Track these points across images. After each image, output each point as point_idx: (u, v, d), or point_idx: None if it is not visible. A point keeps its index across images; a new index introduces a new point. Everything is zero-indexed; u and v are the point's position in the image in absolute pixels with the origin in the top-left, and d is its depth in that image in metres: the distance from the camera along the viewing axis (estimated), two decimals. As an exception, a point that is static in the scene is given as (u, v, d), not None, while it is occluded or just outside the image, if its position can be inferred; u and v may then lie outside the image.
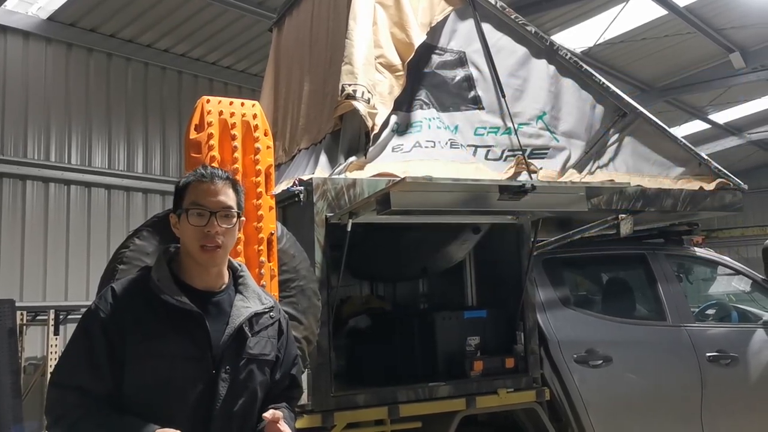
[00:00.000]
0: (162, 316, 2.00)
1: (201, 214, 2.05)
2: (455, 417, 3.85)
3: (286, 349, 2.26)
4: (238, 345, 2.07)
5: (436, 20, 4.45)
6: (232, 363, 2.05)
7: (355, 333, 4.68)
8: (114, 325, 1.98)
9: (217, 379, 2.01)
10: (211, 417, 2.00)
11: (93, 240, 8.78)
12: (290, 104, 4.98)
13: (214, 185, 2.08)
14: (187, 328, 2.01)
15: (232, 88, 10.19)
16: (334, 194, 3.63)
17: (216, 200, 2.07)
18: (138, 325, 1.98)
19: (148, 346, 1.97)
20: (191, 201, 2.07)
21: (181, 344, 1.99)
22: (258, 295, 2.21)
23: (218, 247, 2.06)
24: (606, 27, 10.58)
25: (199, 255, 2.06)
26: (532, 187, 3.40)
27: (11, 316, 5.85)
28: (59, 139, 8.79)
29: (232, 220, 2.10)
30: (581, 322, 4.59)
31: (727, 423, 4.71)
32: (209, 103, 2.91)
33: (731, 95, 14.16)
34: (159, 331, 1.98)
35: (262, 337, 2.15)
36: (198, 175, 2.11)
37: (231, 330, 2.06)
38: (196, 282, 2.10)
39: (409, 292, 5.44)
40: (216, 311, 2.09)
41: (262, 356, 2.14)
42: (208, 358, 2.02)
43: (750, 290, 5.53)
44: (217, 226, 2.05)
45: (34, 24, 8.62)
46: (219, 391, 2.01)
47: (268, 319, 2.19)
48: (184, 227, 2.08)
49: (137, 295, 2.04)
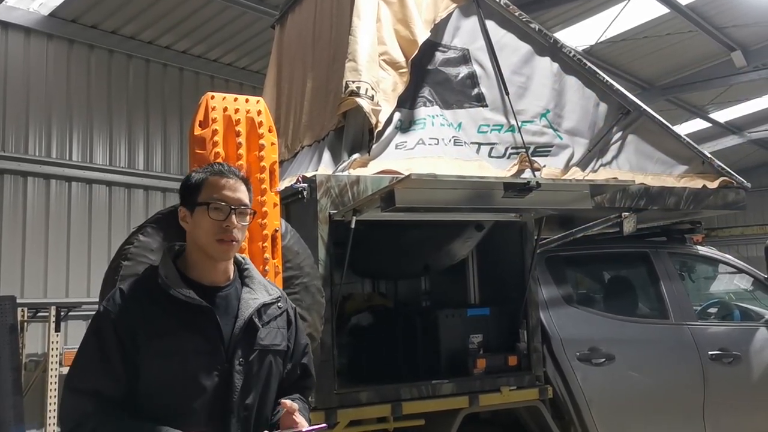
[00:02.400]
0: (171, 313, 2.01)
1: (220, 209, 2.07)
2: (458, 415, 3.85)
3: (296, 338, 2.28)
4: (250, 337, 2.09)
5: (439, 17, 4.44)
6: (245, 355, 2.06)
7: (357, 330, 4.68)
8: (125, 326, 1.98)
9: (231, 371, 2.02)
10: (228, 410, 2.00)
11: (94, 237, 8.77)
12: (293, 101, 4.98)
13: (234, 181, 2.12)
14: (197, 323, 2.02)
15: (233, 85, 10.18)
16: (337, 191, 3.62)
17: (236, 197, 2.10)
18: (148, 323, 1.99)
19: (160, 344, 1.97)
20: (211, 195, 2.08)
21: (193, 340, 2.00)
22: (264, 286, 2.23)
23: (234, 241, 2.08)
24: (608, 25, 10.57)
25: (215, 248, 2.07)
26: (537, 184, 3.40)
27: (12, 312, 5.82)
28: (60, 136, 8.78)
29: (248, 218, 2.14)
30: (584, 320, 4.59)
31: (730, 421, 4.72)
32: (214, 99, 2.90)
33: (732, 94, 14.15)
34: (170, 328, 1.99)
35: (272, 327, 2.16)
36: (216, 170, 2.14)
37: (241, 322, 2.07)
38: (204, 278, 2.10)
39: (412, 289, 5.43)
40: (224, 305, 2.10)
41: (274, 346, 2.15)
42: (220, 351, 2.02)
43: (752, 288, 5.53)
44: (236, 222, 2.07)
45: (35, 20, 8.61)
46: (234, 383, 2.02)
47: (277, 310, 2.21)
48: (200, 220, 2.08)
49: (145, 294, 2.05)
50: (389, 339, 4.45)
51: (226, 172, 2.13)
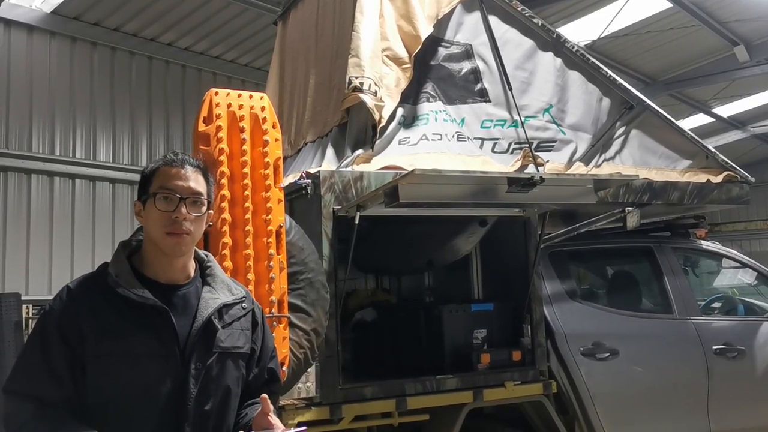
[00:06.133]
0: (123, 313, 1.86)
1: (169, 198, 1.91)
2: (462, 409, 3.85)
3: (263, 341, 2.12)
4: (208, 339, 1.93)
5: (442, 13, 4.43)
6: (202, 358, 1.91)
7: (361, 326, 4.69)
8: (71, 326, 1.84)
9: (187, 376, 1.87)
10: (183, 417, 1.86)
11: (98, 234, 8.81)
12: (296, 97, 4.98)
13: (185, 170, 1.95)
14: (150, 324, 1.87)
15: (236, 82, 10.20)
16: (341, 187, 3.63)
17: (186, 185, 1.93)
18: (97, 324, 1.84)
19: (108, 346, 1.82)
20: (159, 185, 1.92)
21: (146, 342, 1.85)
22: (227, 285, 2.07)
23: (186, 234, 1.91)
24: (610, 20, 10.55)
25: (164, 241, 1.91)
26: (541, 179, 3.40)
27: (17, 309, 5.86)
28: (64, 134, 8.81)
29: (202, 208, 1.95)
30: (588, 315, 4.59)
31: (734, 416, 4.71)
32: (218, 95, 2.90)
33: (735, 89, 14.13)
34: (120, 328, 1.84)
35: (234, 329, 2.01)
36: (168, 160, 1.97)
37: (199, 323, 1.92)
38: (160, 275, 1.95)
39: (415, 285, 5.44)
40: (182, 305, 1.95)
41: (235, 349, 2.00)
42: (175, 354, 1.87)
43: (756, 283, 5.52)
44: (186, 213, 1.90)
45: (38, 17, 8.63)
46: (189, 389, 1.87)
47: (240, 310, 2.05)
48: (149, 213, 1.92)
49: (95, 292, 1.90)
50: (393, 334, 4.46)
51: (177, 162, 1.96)
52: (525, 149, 4.41)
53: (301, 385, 3.32)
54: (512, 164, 4.36)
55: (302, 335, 3.00)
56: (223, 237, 2.72)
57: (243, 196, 2.80)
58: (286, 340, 2.86)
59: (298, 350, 2.97)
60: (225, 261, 2.69)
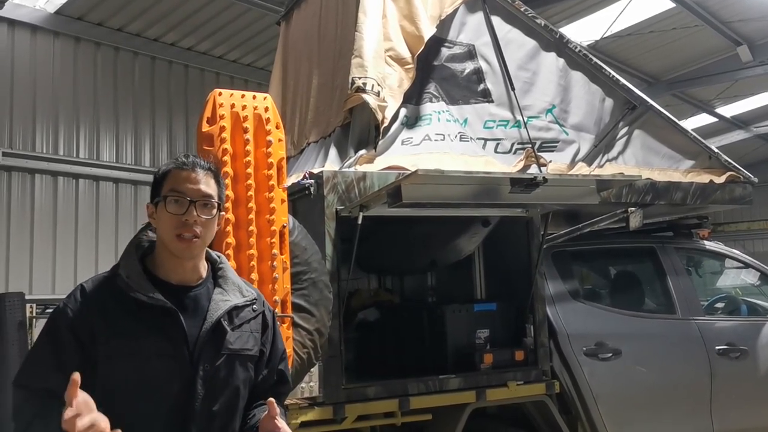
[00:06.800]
0: (133, 314, 1.88)
1: (179, 201, 1.93)
2: (465, 409, 3.85)
3: (273, 343, 2.13)
4: (217, 340, 1.95)
5: (445, 13, 4.43)
6: (211, 360, 1.93)
7: (364, 326, 4.69)
8: (83, 325, 1.87)
9: (195, 377, 1.90)
10: (190, 418, 1.88)
11: (101, 233, 8.82)
12: (299, 98, 4.98)
13: (195, 173, 1.96)
14: (160, 325, 1.90)
15: (239, 82, 10.21)
16: (344, 187, 3.63)
17: (196, 188, 1.94)
18: (108, 323, 1.87)
19: (118, 345, 1.86)
20: (170, 188, 1.95)
21: (155, 342, 1.88)
22: (238, 287, 2.09)
23: (196, 237, 1.93)
24: (613, 20, 10.55)
25: (175, 245, 1.93)
26: (544, 179, 3.40)
27: (21, 309, 5.87)
28: (67, 133, 8.83)
29: (212, 211, 1.97)
30: (591, 315, 4.59)
31: (737, 416, 4.71)
32: (221, 96, 2.91)
33: (738, 88, 14.11)
34: (130, 329, 1.87)
35: (243, 331, 2.03)
36: (179, 162, 1.99)
37: (209, 325, 1.94)
38: (171, 276, 1.98)
39: (418, 285, 5.44)
40: (193, 306, 1.97)
41: (244, 351, 2.01)
42: (184, 355, 1.90)
43: (759, 283, 5.52)
44: (196, 216, 1.92)
45: (41, 18, 8.65)
46: (197, 390, 1.89)
47: (250, 312, 2.07)
48: (161, 216, 1.95)
49: (107, 292, 1.93)
50: (396, 334, 4.46)
51: (188, 165, 1.97)
52: (528, 150, 4.41)
53: (305, 384, 3.33)
54: (515, 165, 4.36)
55: (305, 335, 3.00)
56: (227, 237, 2.72)
57: (246, 197, 2.81)
58: (290, 340, 2.87)
59: (302, 350, 2.98)
60: (228, 261, 2.69)
